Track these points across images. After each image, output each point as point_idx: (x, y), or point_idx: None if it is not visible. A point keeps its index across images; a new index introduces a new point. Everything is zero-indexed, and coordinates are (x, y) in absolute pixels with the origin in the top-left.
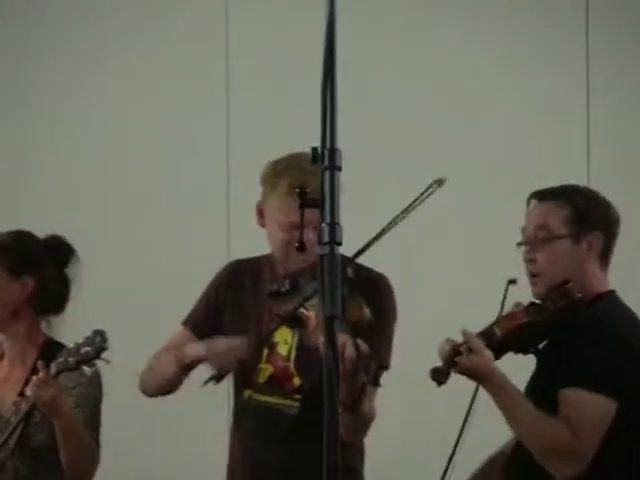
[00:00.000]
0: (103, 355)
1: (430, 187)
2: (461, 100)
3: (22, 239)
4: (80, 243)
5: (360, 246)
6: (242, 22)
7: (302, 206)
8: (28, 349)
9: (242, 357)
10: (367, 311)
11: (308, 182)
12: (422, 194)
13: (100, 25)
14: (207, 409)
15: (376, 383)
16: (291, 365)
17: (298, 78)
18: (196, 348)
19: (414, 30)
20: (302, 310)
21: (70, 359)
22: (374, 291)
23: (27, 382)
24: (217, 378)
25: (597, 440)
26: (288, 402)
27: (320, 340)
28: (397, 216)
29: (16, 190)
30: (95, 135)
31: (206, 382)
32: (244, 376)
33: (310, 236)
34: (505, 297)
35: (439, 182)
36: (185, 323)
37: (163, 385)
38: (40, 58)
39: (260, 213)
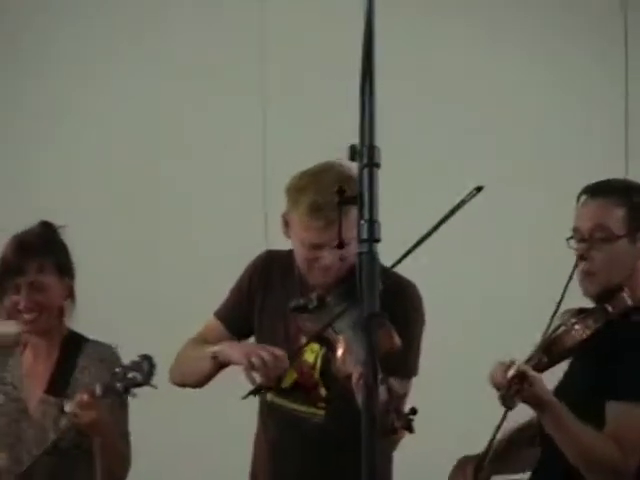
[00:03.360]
0: (152, 382)
1: (470, 194)
2: (494, 98)
3: (58, 236)
4: (116, 236)
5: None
6: (277, 19)
7: (340, 204)
8: (52, 342)
9: (283, 368)
10: (396, 338)
11: (327, 202)
12: (462, 201)
13: (138, 22)
14: (230, 407)
15: (409, 428)
16: (316, 374)
17: (336, 75)
18: (235, 352)
19: (446, 29)
20: (331, 332)
21: (118, 384)
22: (402, 299)
23: (52, 377)
24: (257, 391)
25: None
26: (312, 410)
27: (349, 368)
28: (436, 224)
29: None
30: (133, 127)
31: (247, 396)
32: (260, 386)
33: (333, 256)
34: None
35: (478, 189)
36: (217, 314)
37: (195, 379)
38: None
39: (285, 224)
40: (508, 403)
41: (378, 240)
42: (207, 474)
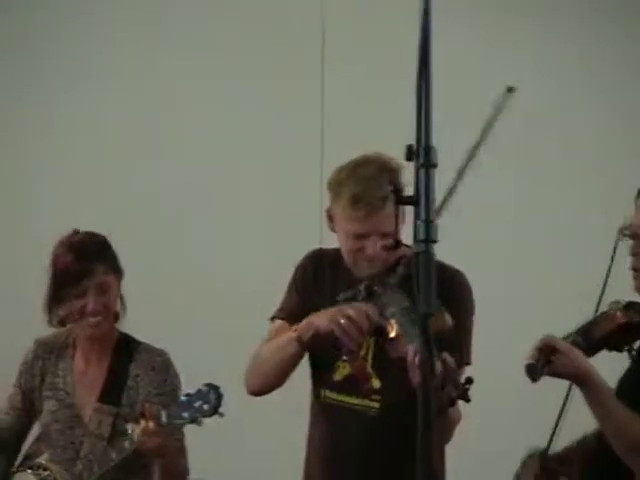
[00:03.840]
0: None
1: (503, 97)
2: (548, 95)
3: (107, 241)
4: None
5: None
6: (337, 20)
7: (397, 203)
8: (104, 347)
9: (375, 322)
10: (448, 318)
11: (368, 193)
12: (497, 108)
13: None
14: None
15: (465, 398)
16: (369, 366)
17: (393, 75)
18: (320, 320)
19: (500, 25)
20: (382, 319)
21: (185, 414)
22: (451, 288)
23: (105, 385)
24: (350, 352)
25: None
26: (366, 402)
27: (403, 348)
28: (478, 140)
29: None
30: (186, 127)
31: (342, 359)
32: (321, 374)
33: (376, 245)
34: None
35: (510, 89)
36: (278, 316)
37: (278, 373)
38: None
39: (330, 218)
40: (532, 373)
41: (435, 241)
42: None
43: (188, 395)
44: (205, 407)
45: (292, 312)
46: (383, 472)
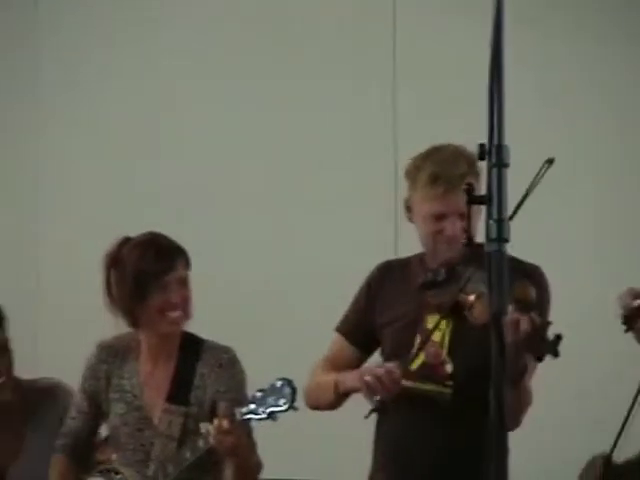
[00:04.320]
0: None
1: (542, 168)
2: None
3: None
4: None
5: None
6: (409, 20)
7: (469, 202)
8: (171, 346)
9: (399, 380)
10: (532, 292)
11: (446, 171)
12: (536, 177)
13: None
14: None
15: (555, 353)
16: (444, 352)
17: (465, 75)
18: (351, 379)
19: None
20: (462, 296)
21: (260, 409)
22: (532, 281)
23: (173, 385)
24: (378, 408)
25: None
26: (440, 388)
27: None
28: (518, 204)
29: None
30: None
31: (368, 414)
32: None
33: (455, 225)
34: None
35: (550, 161)
36: (337, 329)
37: (323, 407)
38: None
39: (408, 209)
40: (629, 322)
41: (507, 240)
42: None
43: (262, 391)
44: (281, 401)
45: (348, 327)
46: (454, 459)
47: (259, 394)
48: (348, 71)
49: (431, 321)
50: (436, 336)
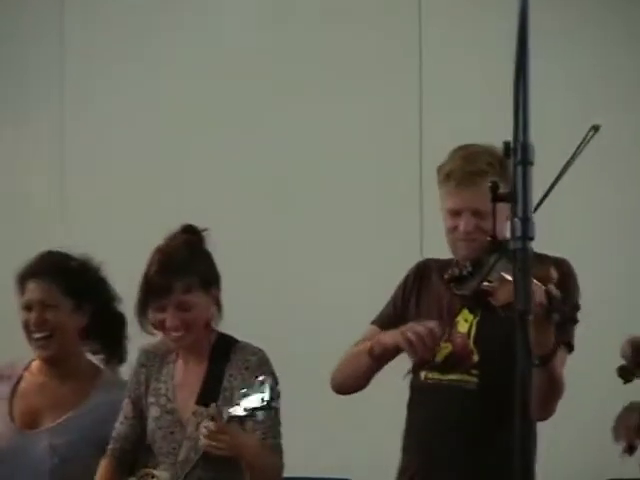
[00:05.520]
0: (273, 404)
1: (587, 134)
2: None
3: (203, 245)
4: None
5: None
6: (435, 20)
7: (494, 200)
8: (201, 352)
9: (439, 338)
10: (554, 273)
11: (459, 168)
12: (581, 143)
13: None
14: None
15: (573, 318)
16: (471, 342)
17: (490, 74)
18: (390, 336)
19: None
20: (486, 285)
21: (242, 408)
22: (561, 274)
23: (202, 387)
24: (418, 366)
25: None
26: (466, 377)
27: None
28: (561, 170)
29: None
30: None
31: (407, 374)
32: (422, 358)
33: (469, 222)
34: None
35: (595, 128)
36: (373, 321)
37: (355, 379)
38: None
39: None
40: (623, 374)
41: (532, 238)
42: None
43: (245, 388)
44: (259, 399)
45: (384, 319)
46: (479, 445)
47: (243, 391)
48: (377, 71)
49: (458, 314)
50: (462, 327)
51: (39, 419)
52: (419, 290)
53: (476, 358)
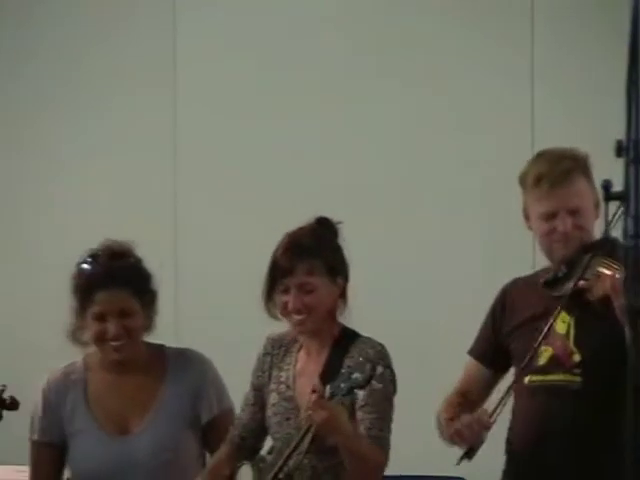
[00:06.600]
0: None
1: None
2: None
3: (333, 235)
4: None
5: None
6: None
7: (607, 199)
8: (323, 343)
9: (489, 426)
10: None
11: (549, 169)
12: None
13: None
14: None
15: None
16: (571, 343)
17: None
18: (450, 427)
19: None
20: (581, 283)
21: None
22: None
23: (320, 377)
24: (469, 455)
25: None
26: (569, 377)
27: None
28: None
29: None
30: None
31: (459, 461)
32: (524, 365)
33: (566, 222)
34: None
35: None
36: (470, 352)
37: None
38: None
39: (526, 217)
40: None
41: None
42: None
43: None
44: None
45: (480, 349)
46: (590, 443)
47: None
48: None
49: (556, 316)
50: (561, 328)
51: (126, 421)
52: (510, 307)
53: (577, 358)
